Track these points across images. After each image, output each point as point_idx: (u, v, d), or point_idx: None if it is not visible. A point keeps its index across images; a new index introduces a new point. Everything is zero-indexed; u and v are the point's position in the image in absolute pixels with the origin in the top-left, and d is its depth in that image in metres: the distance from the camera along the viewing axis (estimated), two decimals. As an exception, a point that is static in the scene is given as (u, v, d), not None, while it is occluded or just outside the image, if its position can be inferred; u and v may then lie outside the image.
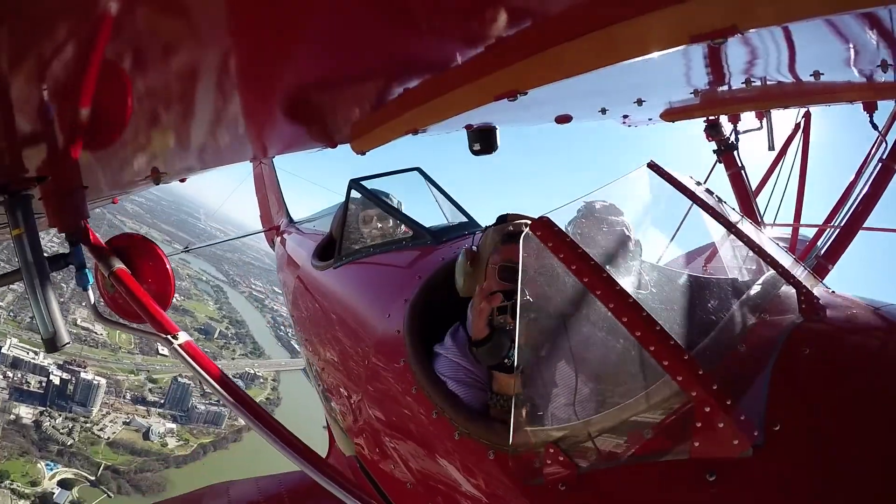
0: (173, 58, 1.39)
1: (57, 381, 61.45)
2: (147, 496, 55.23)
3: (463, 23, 1.39)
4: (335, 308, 3.62)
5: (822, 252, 4.26)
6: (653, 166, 2.26)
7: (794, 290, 1.82)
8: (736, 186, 4.97)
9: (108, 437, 61.51)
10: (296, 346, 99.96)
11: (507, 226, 2.32)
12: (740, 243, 2.12)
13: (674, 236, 2.71)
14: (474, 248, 2.39)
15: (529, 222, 2.27)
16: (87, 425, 61.81)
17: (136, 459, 60.21)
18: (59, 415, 60.48)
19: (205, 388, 2.27)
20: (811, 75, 2.24)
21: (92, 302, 2.52)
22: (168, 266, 2.76)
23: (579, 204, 2.40)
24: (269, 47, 1.43)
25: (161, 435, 64.89)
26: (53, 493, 52.72)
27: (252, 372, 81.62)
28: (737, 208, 4.40)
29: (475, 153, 3.72)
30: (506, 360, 1.91)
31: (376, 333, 2.79)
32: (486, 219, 3.23)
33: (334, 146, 2.78)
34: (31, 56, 1.20)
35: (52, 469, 54.75)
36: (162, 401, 69.47)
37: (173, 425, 67.45)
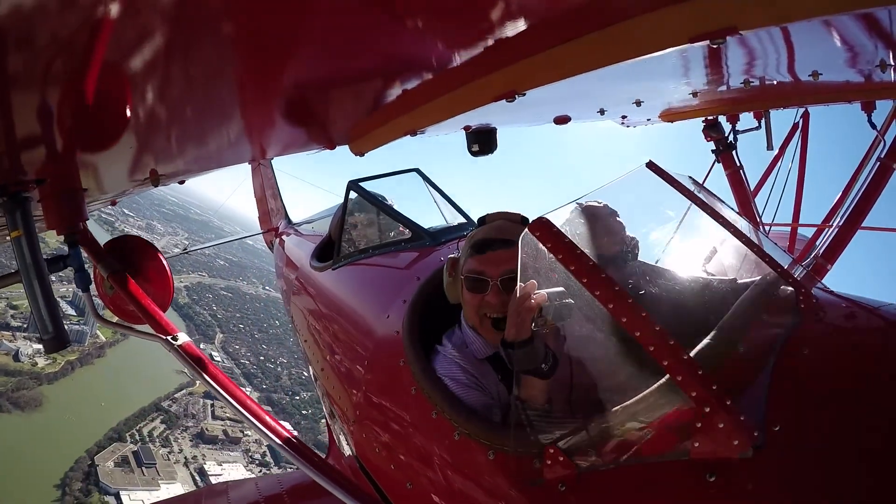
0: (172, 60, 1.39)
1: (-75, 309, 64.05)
2: (26, 411, 60.01)
3: (461, 24, 1.39)
4: (334, 309, 3.62)
5: (821, 251, 4.26)
6: (651, 166, 2.26)
7: (792, 290, 1.82)
8: (734, 186, 4.97)
9: (-19, 362, 64.49)
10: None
11: (475, 233, 2.30)
12: (739, 243, 2.12)
13: (672, 236, 2.71)
14: (457, 254, 2.40)
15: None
16: (-42, 352, 64.77)
17: (10, 380, 63.30)
18: (-70, 341, 63.37)
19: (206, 389, 2.26)
20: (810, 75, 2.24)
21: (91, 303, 2.52)
22: (166, 267, 2.75)
23: (578, 204, 2.40)
24: (268, 49, 1.42)
25: (30, 356, 68.22)
26: (-64, 416, 55.82)
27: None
28: (735, 208, 4.40)
29: (474, 154, 3.72)
30: (543, 366, 1.85)
31: (375, 334, 2.79)
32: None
33: (333, 147, 2.78)
34: (30, 58, 1.20)
35: (-68, 394, 58.00)
36: (25, 325, 72.55)
37: (39, 346, 68.68)
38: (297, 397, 76.75)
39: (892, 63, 2.01)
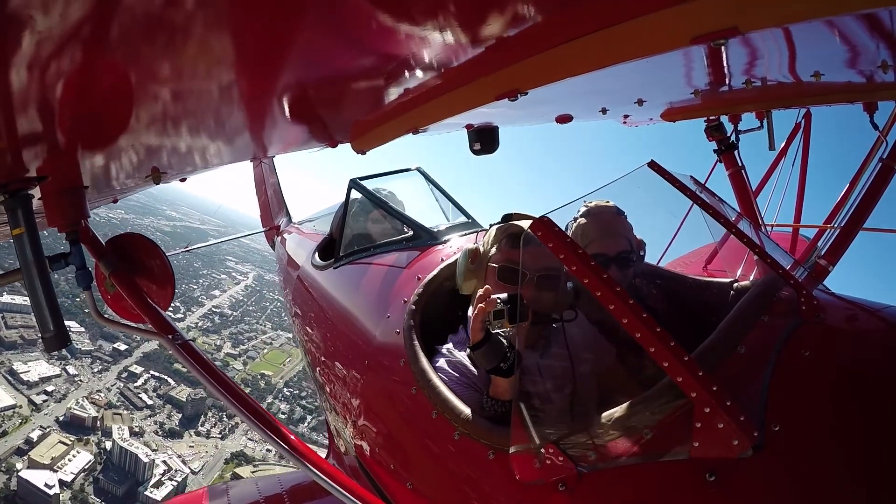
0: (174, 57, 1.39)
1: None
2: None
3: (464, 22, 1.38)
4: (335, 308, 3.62)
5: (823, 252, 4.25)
6: (653, 166, 2.26)
7: (793, 292, 1.82)
8: (736, 186, 4.95)
9: None
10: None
11: (511, 226, 2.31)
12: (740, 244, 2.12)
13: (674, 237, 2.71)
14: (479, 246, 2.39)
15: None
16: None
17: None
18: None
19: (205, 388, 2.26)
20: (812, 76, 2.24)
21: (92, 302, 2.52)
22: (168, 265, 2.75)
23: (580, 204, 2.40)
24: (270, 47, 1.42)
25: None
26: None
27: None
28: (737, 208, 4.39)
29: (475, 153, 3.72)
30: (501, 365, 1.90)
31: (376, 334, 2.79)
32: (486, 219, 3.25)
33: (335, 145, 2.77)
34: (31, 54, 1.20)
35: None
36: None
37: None
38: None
39: (894, 63, 2.00)
